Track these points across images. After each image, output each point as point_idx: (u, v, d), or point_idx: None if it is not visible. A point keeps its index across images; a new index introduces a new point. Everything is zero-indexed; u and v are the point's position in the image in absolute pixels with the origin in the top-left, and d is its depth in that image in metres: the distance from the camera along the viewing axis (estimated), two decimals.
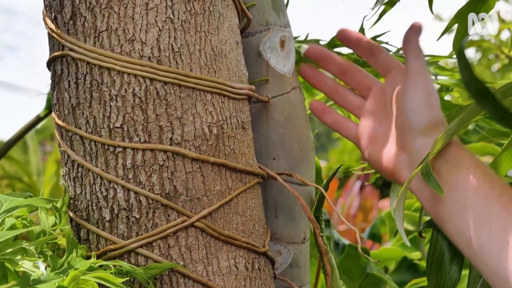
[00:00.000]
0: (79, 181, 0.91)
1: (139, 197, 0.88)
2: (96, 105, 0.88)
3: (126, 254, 0.89)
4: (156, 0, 0.88)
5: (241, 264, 0.93)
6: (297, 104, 1.06)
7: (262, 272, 0.95)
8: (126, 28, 0.87)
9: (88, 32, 0.88)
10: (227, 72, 0.94)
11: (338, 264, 1.43)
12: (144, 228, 0.88)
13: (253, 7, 1.03)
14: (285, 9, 1.08)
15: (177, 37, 0.89)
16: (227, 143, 0.92)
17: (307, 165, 1.07)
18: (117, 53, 0.87)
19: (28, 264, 0.76)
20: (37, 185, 3.06)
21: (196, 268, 0.89)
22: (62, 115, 0.92)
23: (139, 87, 0.88)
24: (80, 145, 0.90)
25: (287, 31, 1.06)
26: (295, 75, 1.08)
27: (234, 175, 0.93)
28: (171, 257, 0.89)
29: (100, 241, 0.90)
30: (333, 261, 1.08)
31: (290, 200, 1.03)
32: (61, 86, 0.91)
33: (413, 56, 0.94)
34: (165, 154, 0.88)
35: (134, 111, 0.88)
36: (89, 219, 0.91)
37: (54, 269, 0.77)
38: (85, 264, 0.77)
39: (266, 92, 1.03)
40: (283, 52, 1.05)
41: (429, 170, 0.83)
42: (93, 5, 0.88)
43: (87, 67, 0.88)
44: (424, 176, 0.83)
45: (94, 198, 0.90)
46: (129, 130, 0.88)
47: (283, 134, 1.04)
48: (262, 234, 0.97)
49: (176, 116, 0.88)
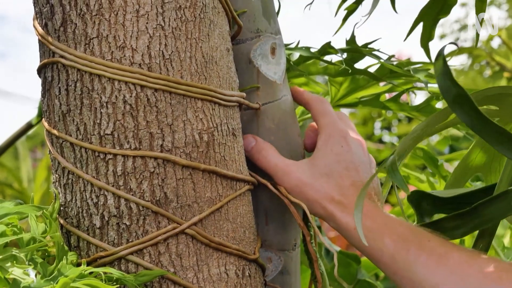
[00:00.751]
0: (70, 188, 0.91)
1: (130, 204, 0.88)
2: (87, 112, 0.88)
3: (117, 261, 0.89)
4: (147, 7, 0.88)
5: (231, 271, 0.92)
6: (287, 111, 1.06)
7: (253, 279, 0.95)
8: (117, 35, 0.87)
9: (78, 39, 0.88)
10: (218, 79, 0.94)
11: (329, 271, 1.43)
12: (134, 235, 0.88)
13: (244, 14, 1.03)
14: (276, 16, 1.08)
15: (168, 44, 0.89)
16: (217, 150, 0.92)
17: None
18: (108, 60, 0.87)
19: (18, 271, 0.76)
20: (27, 192, 3.05)
21: (187, 275, 0.89)
22: (52, 122, 0.92)
23: (130, 94, 0.87)
24: (70, 152, 0.90)
25: (277, 38, 1.06)
26: (286, 82, 1.08)
27: (224, 182, 0.93)
28: (162, 264, 0.89)
29: (90, 248, 0.90)
30: (323, 268, 1.08)
31: (281, 207, 1.03)
32: (52, 93, 0.91)
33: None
34: (156, 161, 0.88)
35: (124, 118, 0.88)
36: (79, 226, 0.91)
37: (44, 276, 0.77)
38: (75, 271, 0.77)
39: (257, 99, 1.03)
40: (274, 59, 1.05)
41: (395, 167, 0.83)
42: (84, 12, 0.88)
43: (78, 74, 0.88)
44: (390, 173, 0.83)
45: (84, 205, 0.90)
46: (120, 137, 0.88)
47: (274, 141, 1.04)
48: (252, 241, 0.97)
49: (166, 123, 0.88)
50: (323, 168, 0.98)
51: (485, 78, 4.39)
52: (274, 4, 1.08)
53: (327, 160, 0.99)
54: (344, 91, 1.31)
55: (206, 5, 0.93)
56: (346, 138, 1.00)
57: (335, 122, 1.02)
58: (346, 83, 1.29)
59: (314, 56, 1.20)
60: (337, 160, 0.98)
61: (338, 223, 0.94)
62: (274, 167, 1.00)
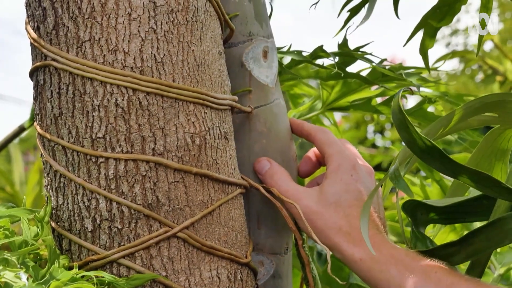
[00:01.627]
0: (61, 191, 0.91)
1: (122, 207, 0.88)
2: (79, 115, 0.88)
3: (108, 264, 0.89)
4: (139, 11, 0.88)
5: (223, 274, 0.92)
6: (279, 114, 1.06)
7: (245, 283, 0.95)
8: (109, 38, 0.87)
9: (70, 42, 0.88)
10: (210, 83, 0.94)
11: (321, 274, 1.43)
12: (126, 238, 0.88)
13: (236, 17, 1.03)
14: (268, 19, 1.08)
15: (160, 48, 0.89)
16: (209, 154, 0.92)
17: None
18: (100, 63, 0.87)
19: (10, 274, 0.75)
20: (19, 195, 3.04)
21: (179, 279, 0.89)
22: (44, 125, 0.92)
23: (122, 97, 0.87)
24: (62, 155, 0.90)
25: (270, 42, 1.06)
26: (278, 86, 1.08)
27: (216, 185, 0.93)
28: (154, 268, 0.88)
29: (82, 251, 0.90)
30: (315, 271, 1.08)
31: (273, 211, 1.03)
32: (44, 96, 0.91)
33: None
34: (148, 164, 0.88)
35: (116, 121, 0.88)
36: (71, 230, 0.91)
37: (36, 280, 0.77)
38: (67, 274, 0.77)
39: (249, 103, 1.03)
40: (266, 63, 1.05)
41: (398, 174, 0.83)
42: (76, 15, 0.88)
43: (70, 77, 0.88)
44: (393, 180, 0.83)
45: (76, 209, 0.90)
46: (112, 140, 0.88)
47: (266, 144, 1.04)
48: (244, 244, 0.97)
49: (158, 127, 0.88)
50: (332, 196, 0.98)
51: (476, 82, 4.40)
52: (266, 7, 1.08)
53: (336, 189, 0.98)
54: (335, 94, 1.31)
55: (198, 8, 0.93)
56: (355, 167, 1.01)
57: (343, 151, 1.03)
58: (337, 86, 1.29)
59: (305, 59, 1.20)
60: (346, 189, 0.98)
61: (345, 254, 0.94)
62: (285, 193, 1.00)
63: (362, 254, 0.92)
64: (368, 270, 0.91)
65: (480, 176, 0.81)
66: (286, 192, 1.00)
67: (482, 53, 3.57)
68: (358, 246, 0.93)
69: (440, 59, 2.10)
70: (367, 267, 0.91)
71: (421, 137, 0.80)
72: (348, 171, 1.00)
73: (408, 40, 1.09)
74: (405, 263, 0.89)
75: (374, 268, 0.90)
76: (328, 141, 1.04)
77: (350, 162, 1.01)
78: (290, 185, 1.01)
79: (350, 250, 0.94)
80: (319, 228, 0.97)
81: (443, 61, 1.38)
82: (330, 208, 0.97)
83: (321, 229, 0.97)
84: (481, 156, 0.97)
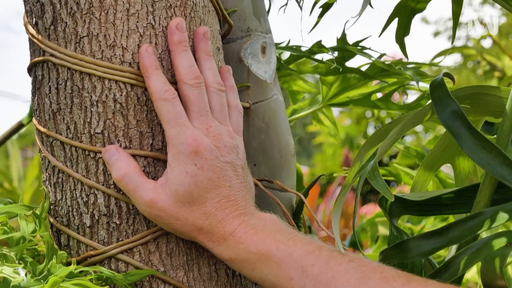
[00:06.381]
0: (60, 187, 0.91)
1: (120, 202, 0.88)
2: (77, 110, 0.88)
3: (107, 260, 0.89)
4: (137, 6, 0.88)
5: (221, 270, 0.92)
6: (278, 110, 1.06)
7: (243, 278, 0.95)
8: (107, 34, 0.87)
9: (69, 38, 0.88)
10: None
11: None
12: (124, 234, 0.88)
13: (234, 13, 1.03)
14: (266, 15, 1.08)
15: (158, 43, 0.89)
16: None
17: (288, 172, 1.07)
18: (98, 59, 0.87)
19: (8, 270, 0.75)
20: (18, 191, 3.05)
21: (177, 274, 0.89)
22: (42, 120, 0.92)
23: (120, 93, 0.87)
24: (60, 151, 0.90)
25: (268, 37, 1.06)
26: (276, 81, 1.08)
27: None
28: (152, 263, 0.88)
29: (80, 247, 0.90)
30: None
31: (271, 206, 1.03)
32: (42, 92, 0.91)
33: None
34: (146, 159, 0.88)
35: (115, 117, 0.87)
36: (69, 225, 0.91)
37: (34, 275, 0.77)
38: (65, 270, 0.77)
39: (247, 98, 1.03)
40: (264, 58, 1.05)
41: (377, 174, 0.83)
42: (74, 11, 0.88)
43: (68, 72, 0.88)
44: (372, 179, 0.83)
45: (74, 204, 0.90)
46: (110, 136, 0.88)
47: (264, 140, 1.04)
48: None
49: (156, 122, 0.88)
50: (182, 197, 0.86)
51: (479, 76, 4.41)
52: (264, 3, 1.08)
53: (185, 186, 0.85)
54: (335, 90, 1.31)
55: (197, 4, 0.93)
56: (198, 152, 0.86)
57: (181, 133, 0.86)
58: (337, 82, 1.29)
59: (304, 54, 1.20)
60: (195, 183, 0.85)
61: (213, 253, 0.88)
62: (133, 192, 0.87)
63: (230, 253, 0.86)
64: (240, 269, 0.87)
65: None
66: (134, 192, 0.86)
67: (481, 48, 3.56)
68: (222, 245, 0.86)
69: (439, 54, 2.10)
70: (238, 267, 0.87)
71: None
72: (191, 159, 0.85)
73: (382, 31, 1.10)
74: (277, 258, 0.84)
75: (246, 267, 0.86)
76: (168, 116, 0.87)
77: (190, 147, 0.85)
78: (139, 182, 0.87)
79: (216, 250, 0.87)
80: (179, 231, 0.88)
81: (443, 56, 1.38)
82: (184, 209, 0.86)
83: (182, 232, 0.88)
84: (448, 141, 1.00)
